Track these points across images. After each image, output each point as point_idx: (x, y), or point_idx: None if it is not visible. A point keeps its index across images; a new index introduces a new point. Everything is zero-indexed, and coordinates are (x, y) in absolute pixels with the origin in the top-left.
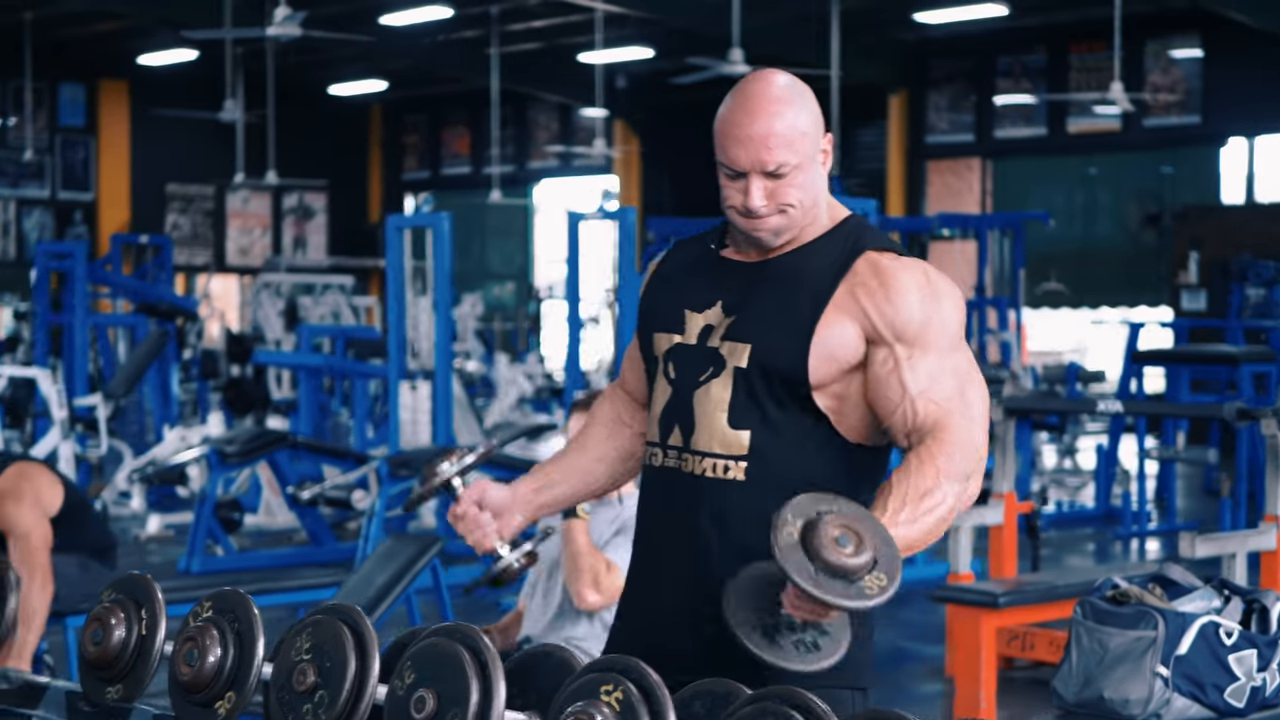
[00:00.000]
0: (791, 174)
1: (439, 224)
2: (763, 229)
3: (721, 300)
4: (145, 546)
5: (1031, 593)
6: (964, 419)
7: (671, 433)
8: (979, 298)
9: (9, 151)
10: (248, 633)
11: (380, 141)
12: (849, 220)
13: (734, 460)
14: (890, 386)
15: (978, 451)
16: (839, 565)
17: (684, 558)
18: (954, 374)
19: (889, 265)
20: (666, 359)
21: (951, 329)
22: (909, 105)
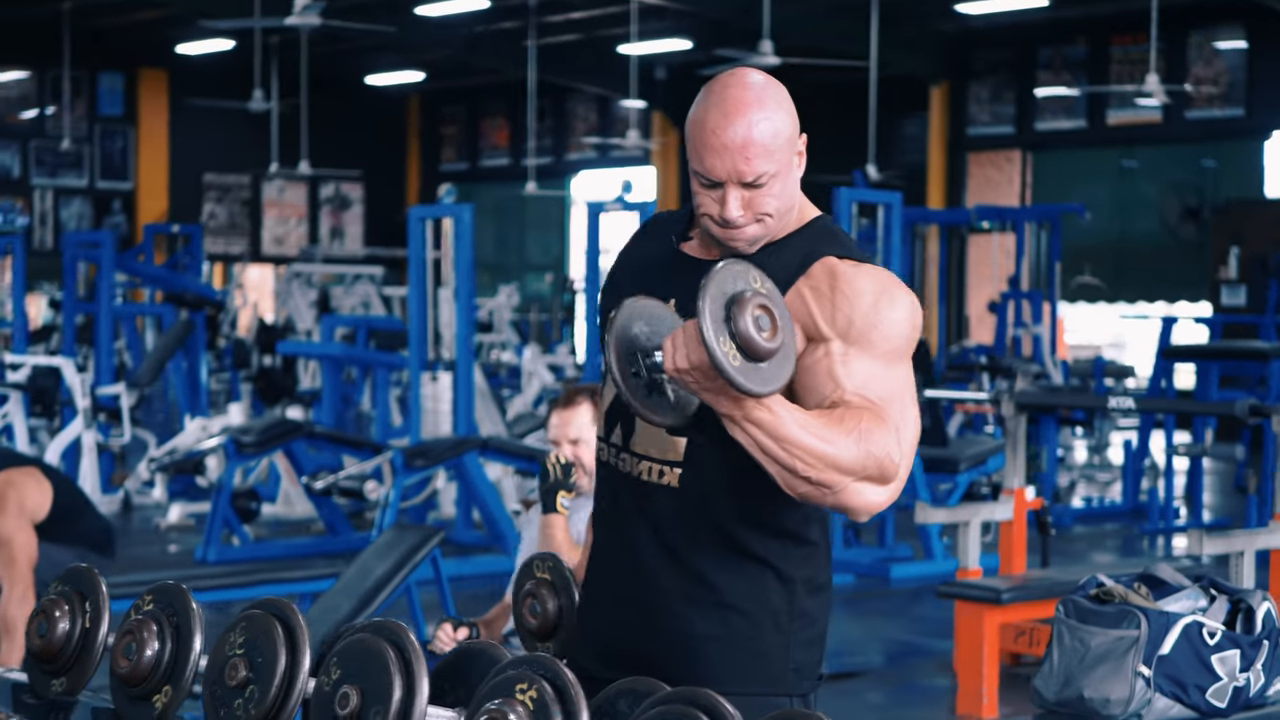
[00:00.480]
0: (770, 183)
1: (460, 214)
2: (739, 239)
3: (675, 298)
4: (166, 535)
5: (1036, 588)
6: (892, 427)
7: (614, 430)
8: (1014, 290)
9: (47, 141)
10: (185, 626)
11: (418, 132)
12: (817, 222)
13: (669, 466)
14: (820, 377)
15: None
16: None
17: (624, 557)
18: (891, 385)
19: (846, 270)
20: None
21: (899, 339)
22: (950, 97)
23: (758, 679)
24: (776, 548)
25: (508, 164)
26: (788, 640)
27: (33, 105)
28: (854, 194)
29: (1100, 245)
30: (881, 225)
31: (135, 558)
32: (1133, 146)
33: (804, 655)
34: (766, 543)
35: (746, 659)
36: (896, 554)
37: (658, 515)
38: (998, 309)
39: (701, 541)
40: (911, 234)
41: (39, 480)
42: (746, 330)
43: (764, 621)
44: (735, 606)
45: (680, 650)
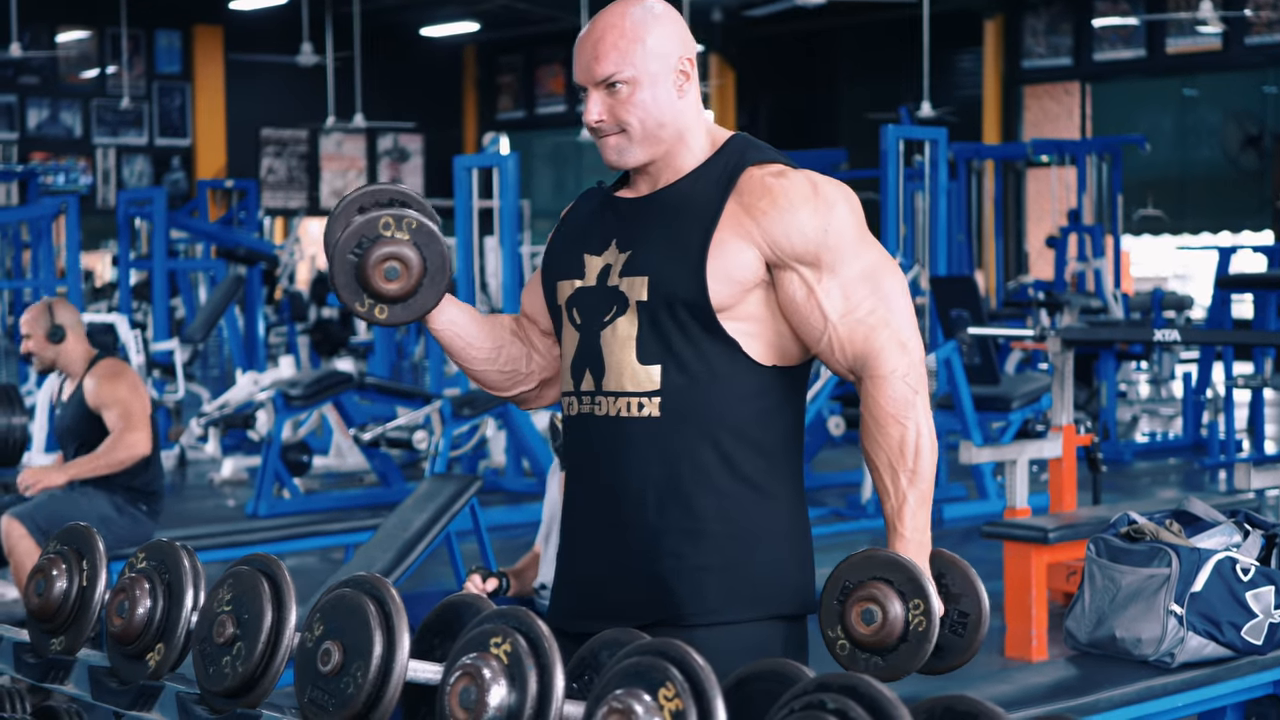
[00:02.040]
0: (629, 89)
1: (505, 163)
2: (605, 149)
3: (616, 238)
4: (220, 490)
5: (1085, 527)
6: (887, 320)
7: (583, 378)
8: (1075, 224)
9: (108, 100)
10: (177, 585)
11: (475, 82)
12: (732, 140)
13: (647, 396)
14: (810, 315)
15: (909, 345)
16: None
17: (609, 503)
18: (865, 280)
19: (773, 183)
20: (570, 306)
21: (850, 233)
22: (1005, 29)
23: (759, 603)
24: (761, 464)
25: (564, 111)
26: (784, 559)
27: (93, 65)
28: (900, 131)
29: (1162, 176)
30: (928, 161)
31: (189, 512)
32: (1193, 75)
33: (800, 575)
34: (752, 459)
35: (745, 585)
36: (950, 494)
37: (640, 451)
38: (1057, 244)
39: (687, 469)
40: (967, 170)
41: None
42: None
43: (758, 543)
44: (728, 533)
45: (677, 587)
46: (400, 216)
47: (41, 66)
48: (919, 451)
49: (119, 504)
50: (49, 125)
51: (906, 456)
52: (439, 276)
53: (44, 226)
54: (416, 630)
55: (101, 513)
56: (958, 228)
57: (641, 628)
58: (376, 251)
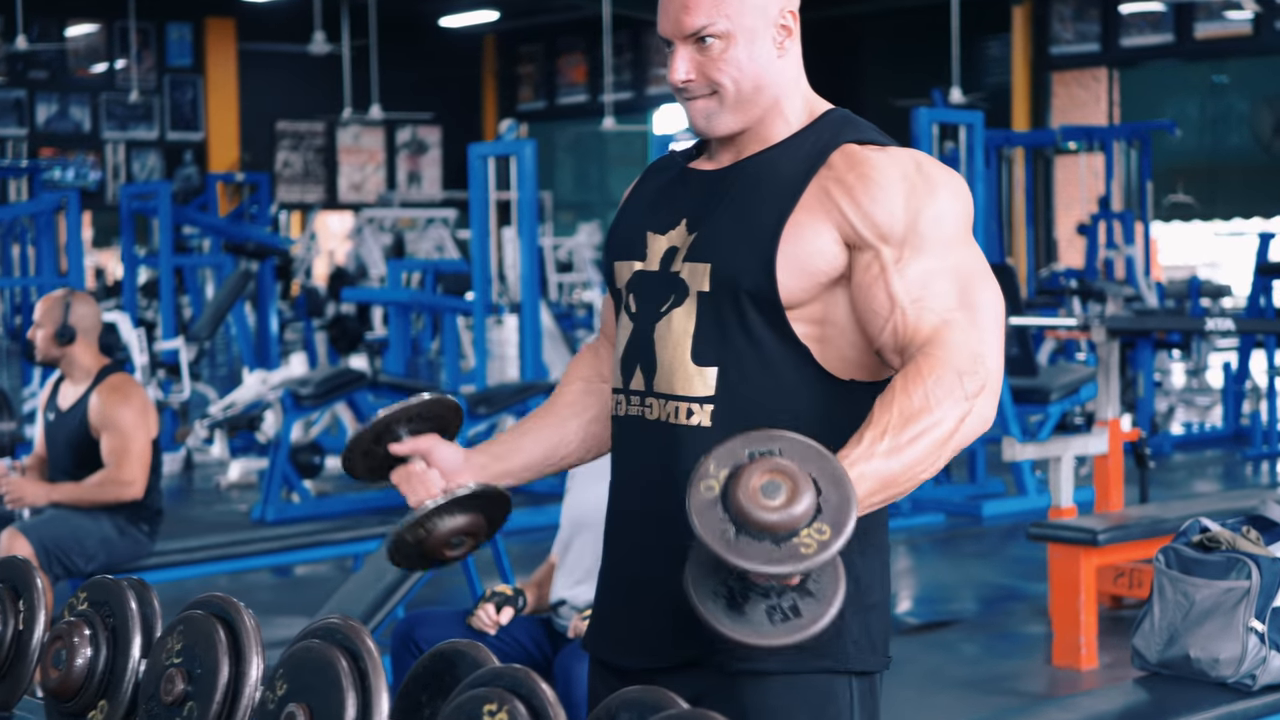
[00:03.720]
0: (723, 45)
1: (522, 151)
2: (693, 113)
3: (686, 217)
4: (226, 494)
5: (1135, 528)
6: (967, 326)
7: (633, 375)
8: (1105, 211)
9: (117, 94)
10: (123, 630)
11: (494, 72)
12: (831, 114)
13: (698, 403)
14: (876, 297)
15: (985, 363)
16: (759, 521)
17: (652, 521)
18: (953, 276)
19: (869, 156)
20: (629, 290)
21: (949, 224)
22: (1033, 15)
23: (824, 653)
24: None
25: (586, 101)
26: (854, 609)
27: (102, 59)
28: (933, 114)
29: (1192, 162)
30: (964, 146)
31: (192, 518)
32: (1223, 60)
33: (874, 624)
34: None
35: None
36: (988, 490)
37: (688, 464)
38: (1087, 231)
39: None
40: (997, 157)
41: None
42: (756, 516)
43: None
44: None
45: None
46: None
47: (50, 60)
48: (920, 440)
49: (121, 525)
50: (58, 120)
51: (906, 430)
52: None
53: (47, 222)
54: (402, 682)
55: (104, 534)
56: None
57: (680, 667)
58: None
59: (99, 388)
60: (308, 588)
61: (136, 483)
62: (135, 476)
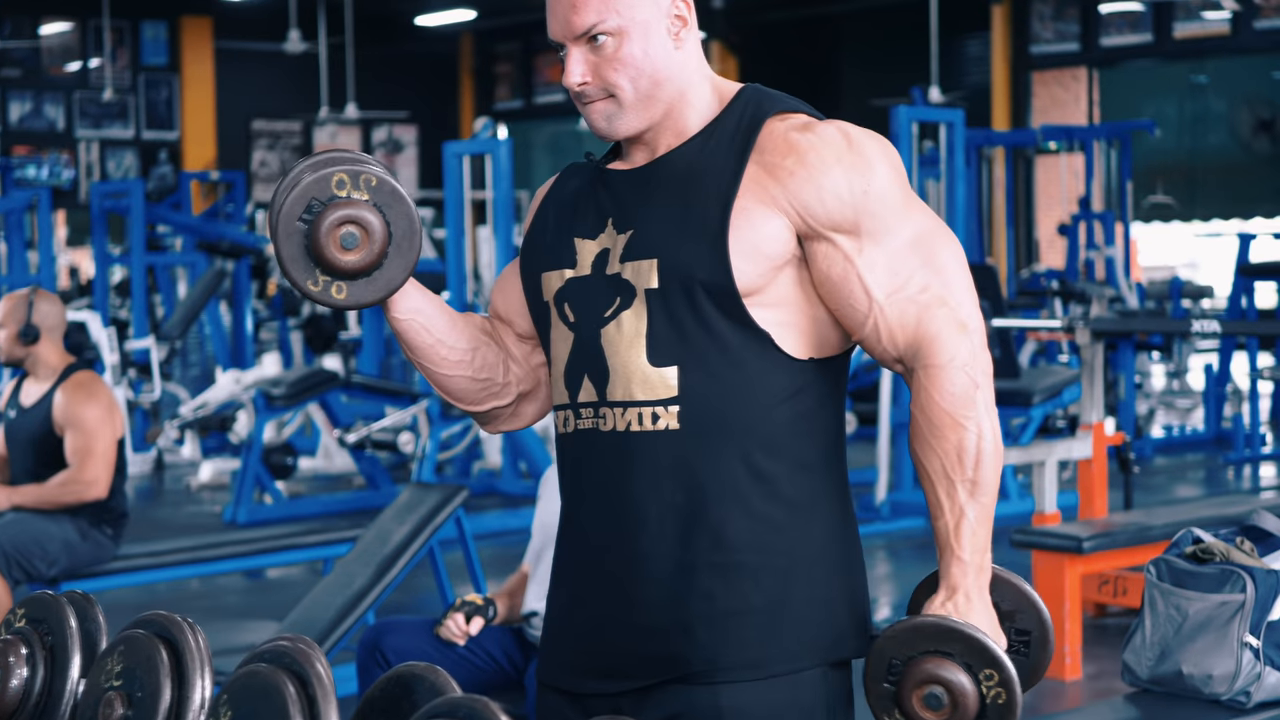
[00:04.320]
0: (616, 43)
1: (497, 150)
2: (592, 115)
3: (611, 217)
4: (197, 495)
5: (1121, 535)
6: (944, 297)
7: (581, 387)
8: (1085, 212)
9: (91, 92)
10: (61, 648)
11: (471, 71)
12: (743, 92)
13: (662, 405)
14: (851, 293)
15: (969, 323)
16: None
17: (620, 535)
18: (913, 248)
19: (799, 139)
20: (560, 301)
21: (893, 194)
22: (1012, 14)
23: (805, 651)
24: (801, 479)
25: (564, 100)
26: (833, 593)
27: (75, 57)
28: (913, 113)
29: (1172, 163)
30: (944, 146)
31: (163, 519)
32: (1202, 59)
33: (853, 611)
34: (790, 474)
35: (789, 629)
36: None
37: (657, 472)
38: (1068, 231)
39: (715, 490)
40: (978, 157)
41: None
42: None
43: (802, 576)
44: (766, 565)
45: (707, 636)
46: (357, 173)
47: (23, 58)
48: (980, 457)
49: (83, 528)
50: (31, 118)
51: (965, 463)
52: (406, 245)
53: (18, 221)
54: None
55: (65, 538)
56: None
57: (657, 685)
58: (331, 215)
59: (64, 385)
60: (278, 591)
61: (99, 482)
62: (98, 476)
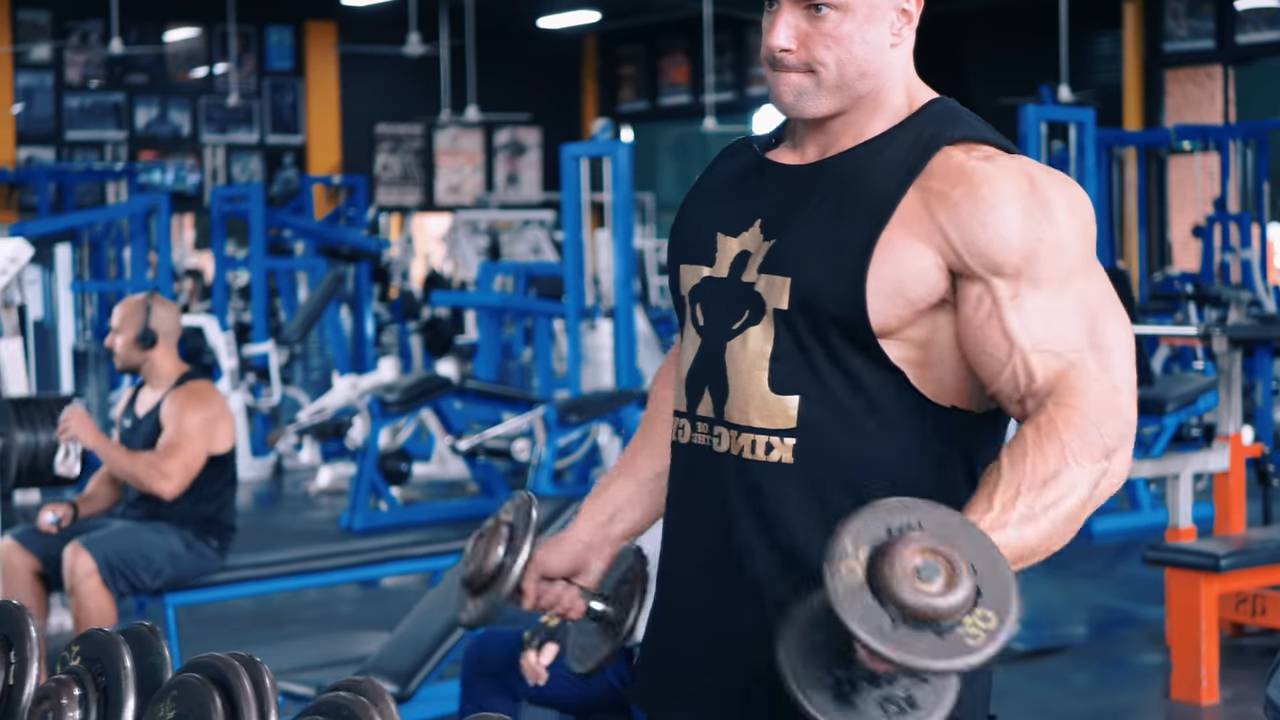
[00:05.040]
0: (839, 18)
1: (616, 152)
2: (781, 85)
3: (761, 218)
4: (315, 501)
5: (1260, 552)
6: (1099, 372)
7: (701, 399)
8: (1221, 213)
9: (216, 97)
10: (115, 690)
11: (595, 73)
12: (933, 104)
13: (779, 436)
14: (990, 338)
15: (1121, 413)
16: (924, 608)
17: (721, 565)
18: (1079, 311)
19: (976, 168)
20: (694, 299)
21: (1071, 250)
22: (1145, 11)
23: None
24: None
25: (688, 102)
26: None
27: (201, 62)
28: (1042, 112)
29: None
30: (1074, 146)
31: (280, 525)
32: None
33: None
34: None
35: None
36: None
37: (766, 506)
38: (1203, 234)
39: (822, 537)
40: (1108, 158)
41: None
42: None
43: None
44: None
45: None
46: None
47: (149, 64)
48: (1060, 501)
49: (188, 540)
50: (157, 124)
51: (1045, 494)
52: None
53: (140, 225)
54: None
55: (170, 549)
56: (1101, 218)
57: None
58: None
59: (177, 390)
60: (392, 600)
61: (173, 480)
62: (174, 474)
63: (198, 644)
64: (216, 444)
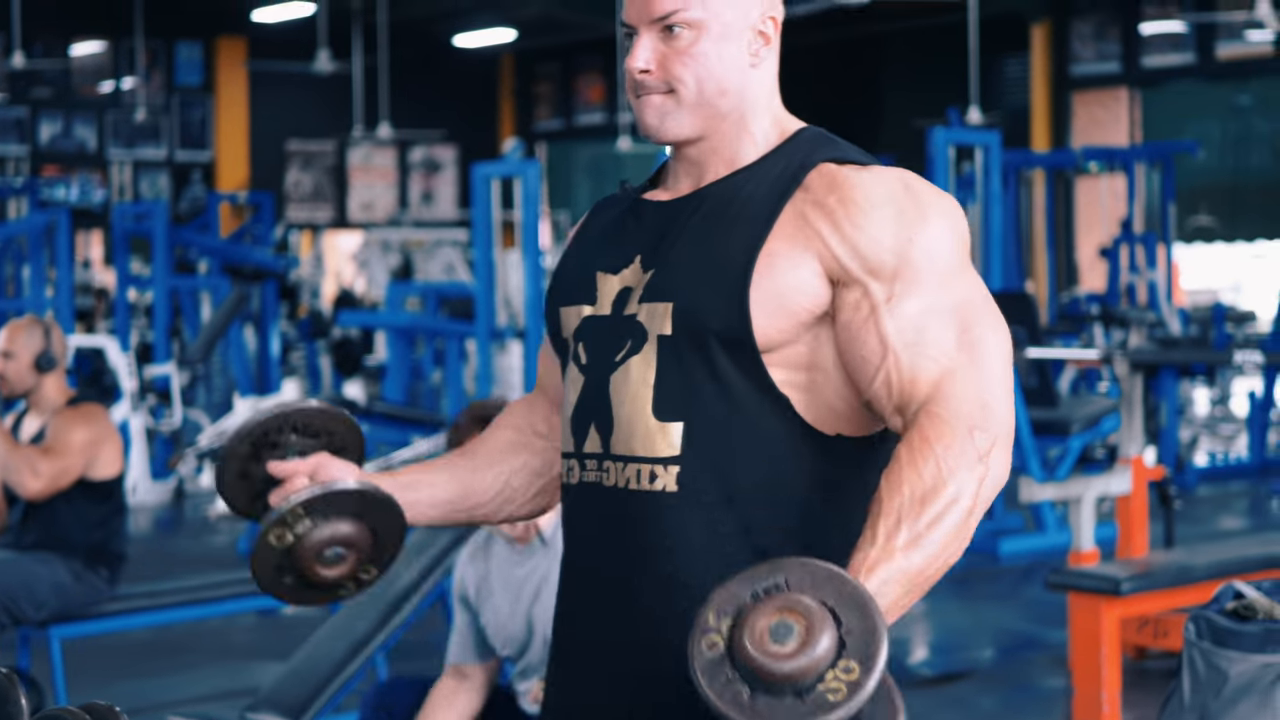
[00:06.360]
0: (692, 36)
1: (526, 171)
2: (645, 109)
3: (640, 253)
4: (215, 525)
5: (1162, 575)
6: (971, 372)
7: (587, 436)
8: (1127, 234)
9: (123, 112)
10: None
11: (511, 91)
12: (803, 132)
13: (662, 464)
14: (866, 342)
15: (994, 413)
16: (774, 673)
17: (608, 605)
18: (952, 315)
19: (851, 176)
20: (577, 339)
21: (944, 253)
22: (1053, 35)
23: None
24: None
25: (603, 121)
26: None
27: (108, 77)
28: (949, 135)
29: (1214, 184)
30: (980, 168)
31: (178, 551)
32: (1245, 80)
33: None
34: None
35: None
36: (1005, 526)
37: (652, 540)
38: (1109, 254)
39: (707, 567)
40: (1017, 179)
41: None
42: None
43: None
44: None
45: None
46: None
47: (54, 78)
48: (942, 519)
49: (77, 570)
50: (62, 139)
51: (924, 514)
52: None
53: (38, 242)
54: None
55: (56, 580)
56: (1009, 239)
57: None
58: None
59: (66, 409)
60: (290, 629)
61: (41, 481)
62: (44, 475)
63: (87, 677)
64: (100, 467)
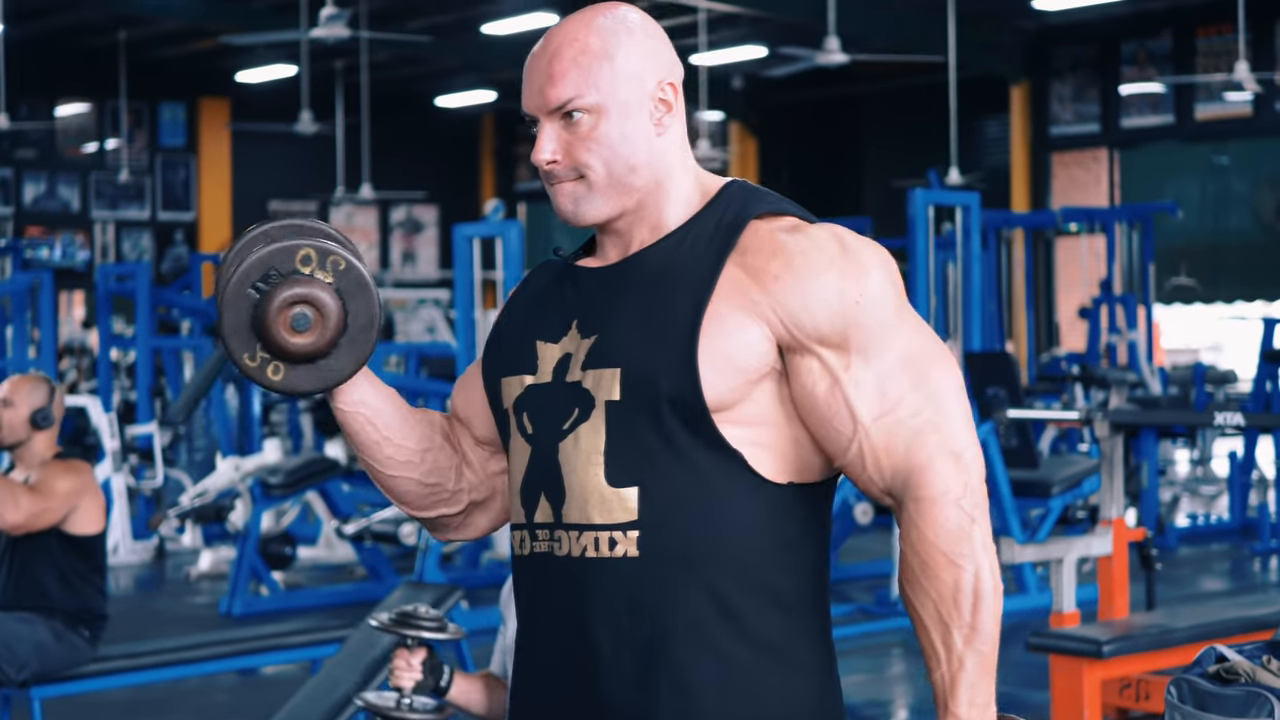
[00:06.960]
0: (592, 121)
1: (507, 232)
2: (559, 197)
3: (577, 319)
4: (196, 585)
5: (1143, 638)
6: (940, 424)
7: (537, 506)
8: (1106, 295)
9: (107, 173)
10: None
11: (492, 151)
12: (728, 187)
13: (621, 530)
14: (836, 414)
15: (964, 455)
16: None
17: (574, 673)
18: (905, 367)
19: (787, 241)
20: (519, 410)
21: (886, 304)
22: (1031, 96)
23: None
24: (776, 619)
25: None
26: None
27: (91, 138)
28: (929, 195)
29: (1194, 245)
30: (960, 228)
31: (160, 611)
32: (1223, 141)
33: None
34: (765, 613)
35: None
36: None
37: (614, 605)
38: (1089, 314)
39: (679, 628)
40: (997, 239)
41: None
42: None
43: None
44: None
45: None
46: (325, 252)
47: (39, 139)
48: (979, 599)
49: (58, 630)
50: (45, 199)
51: (963, 607)
52: (362, 339)
53: (21, 303)
54: None
55: (38, 640)
56: (989, 299)
57: None
58: (286, 291)
59: (51, 461)
60: (271, 689)
61: (20, 514)
62: (24, 509)
63: None
64: (81, 523)
